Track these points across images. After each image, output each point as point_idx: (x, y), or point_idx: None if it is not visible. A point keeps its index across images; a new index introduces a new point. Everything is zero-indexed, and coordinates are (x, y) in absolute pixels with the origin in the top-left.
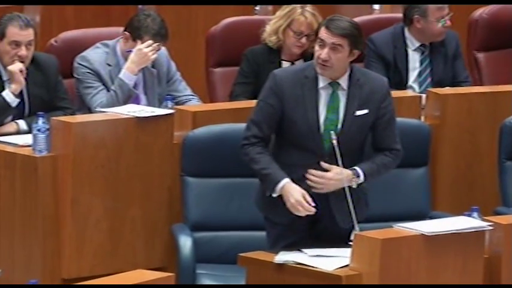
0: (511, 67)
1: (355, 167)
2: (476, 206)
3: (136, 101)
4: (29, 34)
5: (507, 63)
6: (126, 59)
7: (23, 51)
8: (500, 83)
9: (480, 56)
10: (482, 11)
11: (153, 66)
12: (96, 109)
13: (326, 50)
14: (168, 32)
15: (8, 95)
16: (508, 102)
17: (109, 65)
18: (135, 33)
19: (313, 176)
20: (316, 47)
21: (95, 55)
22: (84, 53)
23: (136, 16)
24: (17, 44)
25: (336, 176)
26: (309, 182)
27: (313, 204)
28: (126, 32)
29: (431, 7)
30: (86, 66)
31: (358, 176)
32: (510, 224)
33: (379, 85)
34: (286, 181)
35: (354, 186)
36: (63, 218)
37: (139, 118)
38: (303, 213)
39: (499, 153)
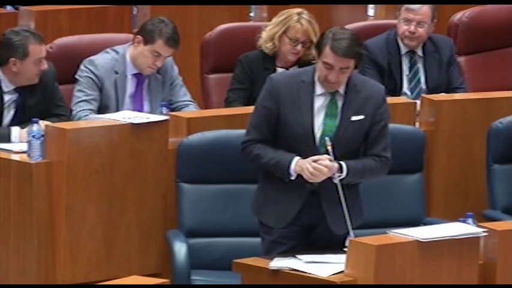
0: (493, 70)
1: (340, 162)
2: (471, 212)
3: (139, 107)
4: (44, 48)
5: (489, 65)
6: (135, 64)
7: (45, 65)
8: (483, 86)
9: (462, 59)
10: (462, 15)
11: (158, 72)
12: (73, 113)
13: (334, 73)
14: (180, 39)
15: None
16: (502, 109)
17: (116, 73)
18: (148, 36)
19: (312, 167)
20: (322, 68)
21: (102, 61)
22: (92, 57)
23: (150, 20)
24: (40, 60)
25: (329, 164)
26: (307, 173)
27: (326, 162)
28: (138, 36)
29: (403, 6)
30: (91, 71)
31: (341, 170)
32: (505, 230)
33: (376, 92)
34: (295, 160)
35: (336, 180)
36: (58, 225)
37: (134, 124)
38: (326, 175)
39: (487, 156)
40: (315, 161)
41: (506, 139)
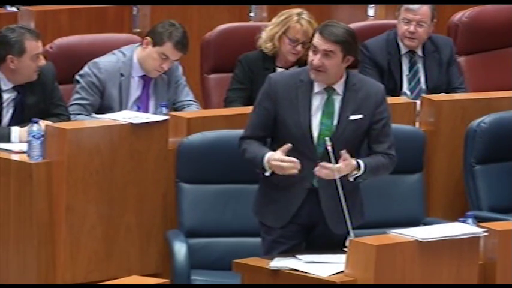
0: (493, 70)
1: (357, 159)
2: (471, 212)
3: (145, 109)
4: (41, 44)
5: (489, 65)
6: (142, 66)
7: (42, 61)
8: (483, 86)
9: (462, 59)
10: (462, 15)
11: (164, 72)
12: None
13: (318, 56)
14: (189, 44)
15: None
16: (502, 109)
17: (122, 75)
18: (157, 38)
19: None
20: (310, 53)
21: (107, 63)
22: (97, 59)
23: (160, 23)
24: (37, 56)
25: (346, 168)
26: (318, 173)
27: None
28: (147, 37)
29: (403, 6)
30: (94, 74)
31: (358, 168)
32: (505, 230)
33: (374, 90)
34: (267, 155)
35: (351, 178)
36: (58, 225)
37: (134, 124)
38: (292, 171)
39: (466, 158)
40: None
41: (489, 139)
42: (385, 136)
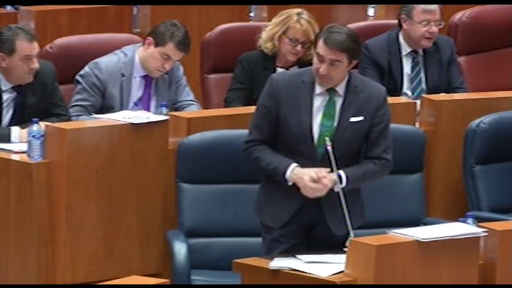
0: (493, 70)
1: (339, 171)
2: (471, 212)
3: (146, 109)
4: (36, 46)
5: (489, 65)
6: (143, 66)
7: (35, 64)
8: (483, 86)
9: (462, 59)
10: (462, 15)
11: (165, 73)
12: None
13: (325, 65)
14: (190, 44)
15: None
16: (502, 109)
17: (123, 75)
18: (159, 38)
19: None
20: (315, 59)
21: (108, 64)
22: (98, 60)
23: (162, 23)
24: (28, 58)
25: (330, 183)
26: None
27: (325, 177)
28: (149, 38)
29: (417, 8)
30: (94, 75)
31: (340, 181)
32: (505, 230)
33: (376, 93)
34: (292, 167)
35: (336, 190)
36: (58, 225)
37: (134, 124)
38: (319, 194)
39: (465, 158)
40: (315, 177)
41: (488, 139)
42: (383, 138)
